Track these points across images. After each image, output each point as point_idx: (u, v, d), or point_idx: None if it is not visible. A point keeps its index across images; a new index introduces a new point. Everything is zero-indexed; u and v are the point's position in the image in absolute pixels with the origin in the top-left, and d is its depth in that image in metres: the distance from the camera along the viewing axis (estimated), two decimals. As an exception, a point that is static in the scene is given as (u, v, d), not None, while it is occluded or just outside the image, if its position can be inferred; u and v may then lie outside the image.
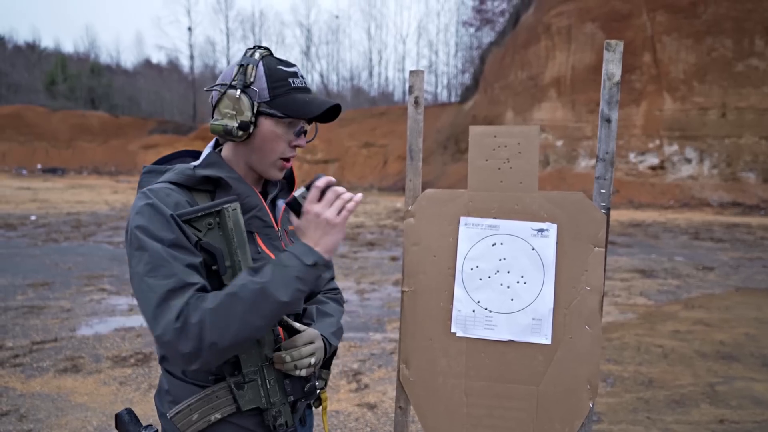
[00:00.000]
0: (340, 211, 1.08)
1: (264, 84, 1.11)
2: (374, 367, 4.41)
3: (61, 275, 7.68)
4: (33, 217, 14.47)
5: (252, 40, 63.96)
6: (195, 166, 1.15)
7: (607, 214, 1.29)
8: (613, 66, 1.28)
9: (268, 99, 1.11)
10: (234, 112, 1.10)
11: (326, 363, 1.33)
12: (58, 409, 3.53)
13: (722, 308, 6.51)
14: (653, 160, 26.26)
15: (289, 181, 1.32)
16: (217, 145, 1.23)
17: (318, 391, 1.30)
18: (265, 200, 1.22)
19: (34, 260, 8.68)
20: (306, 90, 1.16)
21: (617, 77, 1.28)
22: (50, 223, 13.44)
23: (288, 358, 1.08)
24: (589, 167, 26.65)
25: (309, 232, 1.07)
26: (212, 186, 1.13)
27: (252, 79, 1.11)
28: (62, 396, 3.74)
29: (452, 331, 1.35)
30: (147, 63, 72.87)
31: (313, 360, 1.11)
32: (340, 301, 1.39)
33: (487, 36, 50.52)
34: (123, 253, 8.59)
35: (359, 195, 1.13)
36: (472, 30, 56.77)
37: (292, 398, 1.14)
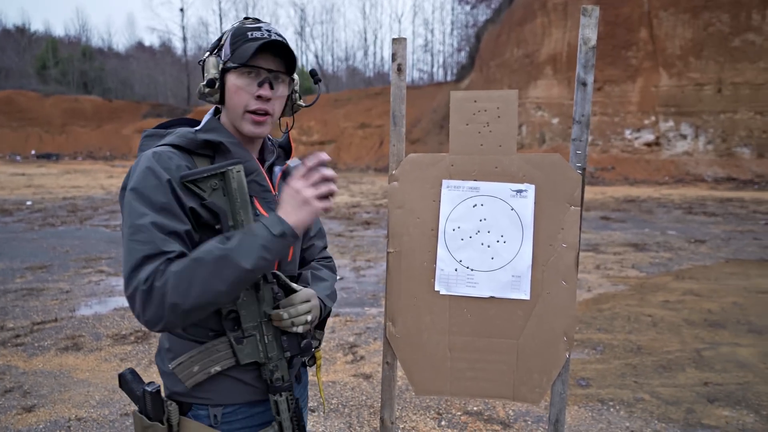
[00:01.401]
0: (321, 195, 1.09)
1: (228, 42, 1.17)
2: (370, 340, 4.51)
3: (59, 258, 7.73)
4: (29, 203, 14.46)
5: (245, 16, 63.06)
6: (196, 130, 1.19)
7: (583, 174, 1.35)
8: (588, 30, 1.32)
9: (230, 55, 1.16)
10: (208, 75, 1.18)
11: (320, 324, 1.39)
12: (61, 385, 3.62)
13: (711, 279, 6.63)
14: (649, 137, 26.25)
15: (286, 150, 1.36)
16: (217, 112, 1.27)
17: (312, 350, 1.37)
18: (263, 166, 1.27)
19: (32, 244, 8.73)
20: (267, 39, 1.14)
21: (593, 41, 1.32)
22: (46, 208, 13.45)
23: (285, 315, 1.14)
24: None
25: (284, 204, 1.09)
26: (212, 151, 1.17)
27: (223, 43, 1.18)
28: (64, 373, 3.83)
29: (436, 289, 1.41)
30: (139, 45, 72.02)
31: (309, 317, 1.17)
32: (333, 269, 1.45)
33: (483, 13, 50.00)
34: (120, 236, 8.66)
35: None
36: (467, 8, 56.14)
37: (288, 354, 1.19)
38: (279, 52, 1.16)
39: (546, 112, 28.88)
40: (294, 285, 1.20)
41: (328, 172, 1.10)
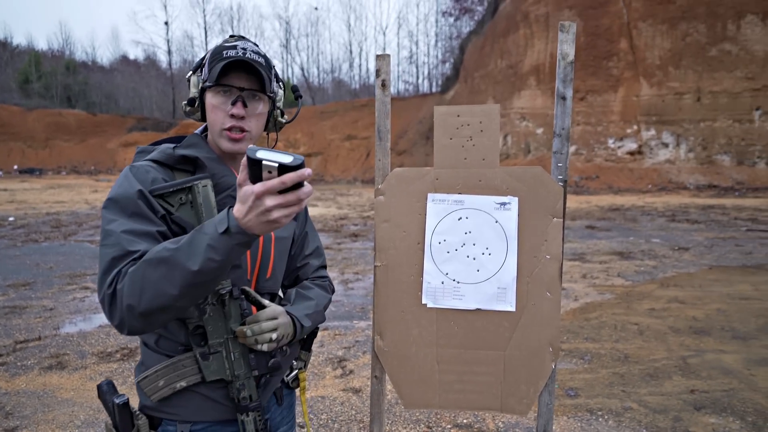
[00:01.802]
0: (288, 215, 0.92)
1: (207, 62, 1.19)
2: (359, 353, 4.49)
3: (42, 275, 7.61)
4: (11, 219, 14.24)
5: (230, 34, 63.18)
6: (175, 146, 1.21)
7: (564, 187, 1.37)
8: (566, 46, 1.35)
9: (208, 74, 1.18)
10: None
11: (306, 345, 1.39)
12: (45, 405, 3.55)
13: (696, 286, 6.72)
14: (631, 146, 26.67)
15: None
16: (206, 129, 1.29)
17: (296, 372, 1.36)
18: None
19: (14, 261, 8.58)
20: (236, 58, 1.13)
21: (571, 57, 1.35)
22: (29, 224, 13.25)
23: (249, 332, 1.12)
24: (571, 154, 26.93)
25: (241, 205, 0.93)
26: (191, 166, 1.19)
27: (204, 62, 1.20)
28: (48, 392, 3.75)
29: (423, 302, 1.42)
30: (124, 59, 71.67)
31: (274, 335, 1.14)
32: (327, 288, 1.43)
33: (467, 25, 50.66)
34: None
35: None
36: (451, 20, 56.85)
37: (256, 372, 1.18)
38: (253, 71, 1.17)
39: (530, 122, 29.23)
40: (264, 302, 1.18)
41: (306, 189, 0.91)
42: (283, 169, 0.88)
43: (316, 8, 68.32)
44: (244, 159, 0.89)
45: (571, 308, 5.79)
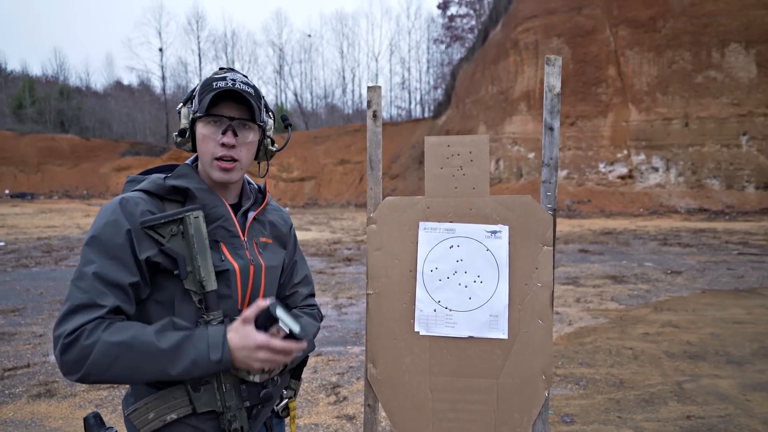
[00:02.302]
0: (264, 364, 1.11)
1: (197, 93, 1.22)
2: (353, 379, 4.44)
3: (32, 300, 7.51)
4: (1, 243, 14.11)
5: (224, 60, 63.93)
6: (166, 177, 1.22)
7: (554, 215, 1.40)
8: (553, 78, 1.39)
9: (198, 105, 1.20)
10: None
11: (296, 373, 1.39)
12: (31, 436, 3.47)
13: (689, 310, 6.73)
14: (622, 170, 26.99)
15: (264, 194, 1.39)
16: (196, 159, 1.30)
17: (286, 401, 1.36)
18: (238, 211, 1.29)
19: (4, 286, 8.47)
20: (225, 88, 1.17)
21: (557, 89, 1.39)
22: (20, 249, 13.13)
23: None
24: (561, 178, 27.20)
25: (238, 334, 1.09)
26: (182, 196, 1.20)
27: (195, 94, 1.23)
28: (36, 421, 3.68)
29: (416, 330, 1.43)
30: (118, 84, 72.16)
31: (266, 366, 1.15)
32: (315, 317, 1.44)
33: (458, 52, 51.62)
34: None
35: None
36: (442, 47, 57.92)
37: (248, 403, 1.17)
38: (243, 101, 1.19)
39: (522, 146, 29.57)
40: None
41: (293, 358, 1.14)
42: (289, 336, 1.10)
43: (309, 35, 69.54)
44: (263, 303, 1.10)
45: (565, 333, 5.78)
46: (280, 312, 1.09)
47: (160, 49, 63.85)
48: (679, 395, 4.00)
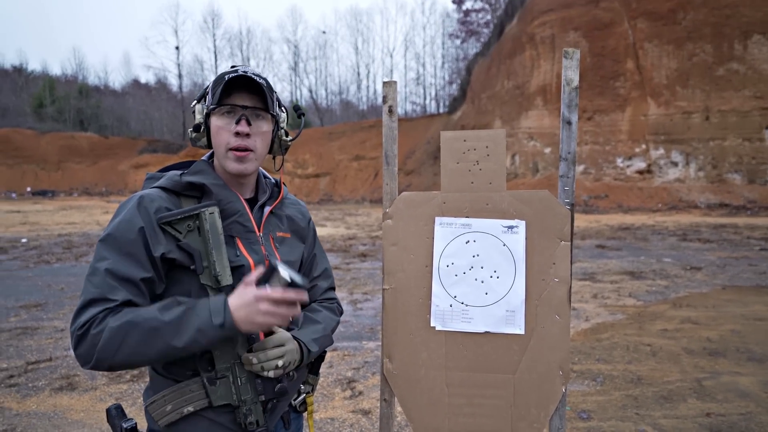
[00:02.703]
0: (267, 319, 1.09)
1: (210, 88, 1.22)
2: (368, 374, 4.46)
3: (54, 296, 7.67)
4: (24, 240, 14.41)
5: (240, 58, 64.34)
6: (182, 173, 1.24)
7: (571, 210, 1.38)
8: (571, 72, 1.38)
9: (211, 99, 1.21)
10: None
11: (314, 369, 1.39)
12: (55, 427, 3.55)
13: (709, 306, 6.63)
14: (640, 165, 26.59)
15: (280, 188, 1.39)
16: (212, 156, 1.31)
17: (304, 395, 1.36)
18: (254, 206, 1.29)
19: (26, 282, 8.66)
20: (238, 74, 1.18)
21: (575, 82, 1.38)
22: (41, 245, 13.40)
23: (255, 360, 1.14)
24: (578, 173, 26.91)
25: (239, 299, 1.09)
26: (198, 192, 1.22)
27: (207, 90, 1.24)
28: (58, 414, 3.76)
29: (432, 325, 1.43)
30: (135, 83, 73.07)
31: (280, 362, 1.16)
32: (334, 311, 1.44)
33: (473, 47, 51.25)
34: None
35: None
36: (458, 42, 57.58)
37: (263, 398, 1.18)
38: (255, 90, 1.20)
39: (538, 141, 29.29)
40: (273, 327, 1.19)
41: (296, 310, 1.12)
42: (290, 286, 1.08)
43: (324, 32, 69.49)
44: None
45: (582, 329, 5.73)
46: (281, 265, 1.10)
47: (177, 48, 64.48)
48: (698, 392, 3.94)
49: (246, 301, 1.07)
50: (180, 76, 65.55)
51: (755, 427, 3.36)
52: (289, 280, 1.08)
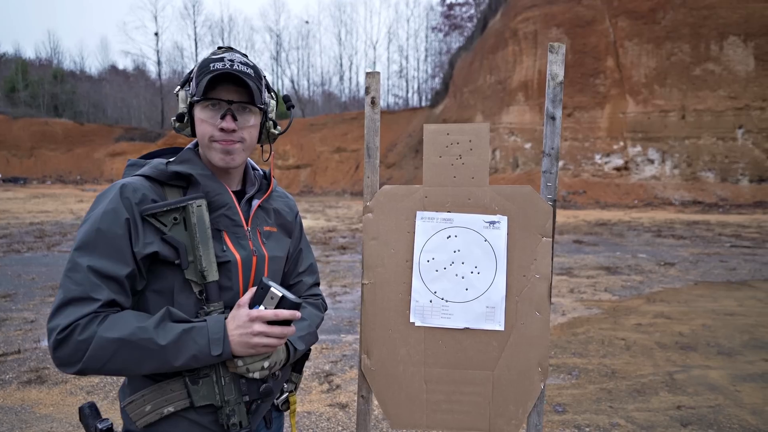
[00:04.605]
0: (262, 341, 1.07)
1: (195, 75, 1.16)
2: (346, 368, 4.44)
3: (24, 286, 7.46)
4: (-7, 228, 14.00)
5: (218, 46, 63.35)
6: (168, 162, 1.18)
7: (554, 206, 1.37)
8: (556, 67, 1.36)
9: (195, 88, 1.15)
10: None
11: (298, 366, 1.35)
12: (22, 422, 3.45)
13: (682, 301, 6.77)
14: (618, 161, 27.00)
15: (269, 180, 1.34)
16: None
17: (287, 394, 1.33)
18: (242, 198, 1.25)
19: (-5, 272, 8.41)
20: (222, 70, 1.12)
21: (560, 77, 1.36)
22: (12, 234, 13.03)
23: (240, 363, 1.10)
24: (558, 169, 27.19)
25: (234, 321, 1.07)
26: (184, 183, 1.16)
27: (192, 76, 1.17)
28: (26, 408, 3.66)
29: (411, 320, 1.41)
30: (113, 69, 71.40)
31: (266, 363, 1.12)
32: (320, 307, 1.40)
33: (456, 41, 51.31)
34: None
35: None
36: (441, 35, 57.56)
37: (247, 398, 1.15)
38: (242, 82, 1.14)
39: (519, 137, 29.50)
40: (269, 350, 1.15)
41: (290, 329, 1.10)
42: (282, 303, 1.07)
43: (307, 22, 68.74)
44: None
45: (558, 323, 5.80)
46: (272, 283, 1.09)
47: (156, 34, 63.14)
48: (670, 386, 4.02)
49: (239, 323, 1.06)
50: (159, 63, 64.26)
51: (723, 419, 3.44)
52: (280, 295, 1.07)
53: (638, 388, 3.98)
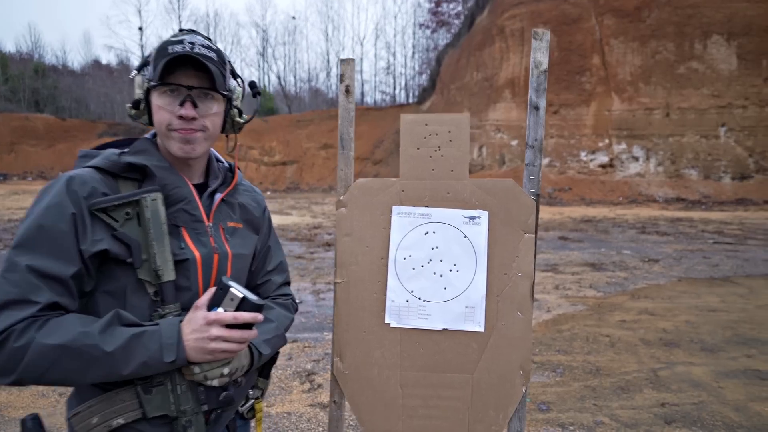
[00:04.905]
0: (220, 346, 0.98)
1: (152, 58, 1.07)
2: (328, 367, 4.36)
3: None
4: (-31, 225, 13.66)
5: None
6: (121, 153, 1.09)
7: (537, 200, 1.31)
8: (540, 54, 1.29)
9: (152, 73, 1.06)
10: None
11: (265, 372, 1.27)
12: (-9, 425, 3.33)
13: (665, 298, 6.79)
14: (603, 159, 27.20)
15: (233, 173, 1.26)
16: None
17: (252, 401, 1.24)
18: (204, 192, 1.16)
19: (-31, 269, 8.19)
20: (181, 53, 1.03)
21: (544, 65, 1.30)
22: (-11, 231, 12.72)
23: (197, 370, 1.01)
24: (543, 166, 27.35)
25: (188, 325, 0.99)
26: (139, 175, 1.07)
27: (150, 59, 1.08)
28: (-5, 410, 3.53)
29: (386, 321, 1.33)
30: (96, 64, 70.22)
31: (226, 370, 1.03)
32: (289, 307, 1.31)
33: (443, 38, 51.30)
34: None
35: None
36: (428, 32, 57.51)
37: (206, 407, 1.06)
38: (203, 66, 1.05)
39: (505, 134, 29.59)
40: (228, 356, 1.06)
41: (252, 333, 1.02)
42: (243, 305, 0.98)
43: (293, 17, 68.24)
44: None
45: (543, 320, 5.77)
46: (232, 283, 1.00)
47: (140, 28, 62.19)
48: (654, 382, 4.01)
49: (195, 327, 0.97)
50: (143, 58, 63.29)
51: (707, 416, 3.43)
52: (241, 296, 0.98)
53: (622, 386, 3.95)
